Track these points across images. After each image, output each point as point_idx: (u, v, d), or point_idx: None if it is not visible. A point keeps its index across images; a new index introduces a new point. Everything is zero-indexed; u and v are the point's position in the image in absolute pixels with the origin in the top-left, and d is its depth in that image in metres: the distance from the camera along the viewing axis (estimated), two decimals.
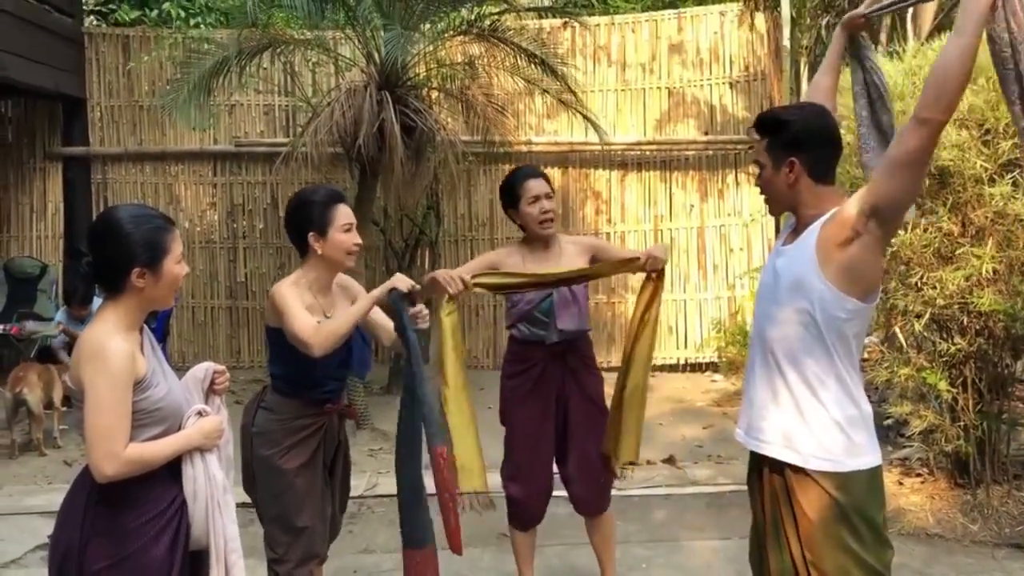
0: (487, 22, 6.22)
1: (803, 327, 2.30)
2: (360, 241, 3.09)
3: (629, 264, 3.57)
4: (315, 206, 3.04)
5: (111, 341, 2.15)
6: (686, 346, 9.07)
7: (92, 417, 2.11)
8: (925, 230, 4.23)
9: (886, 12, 2.76)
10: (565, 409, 3.63)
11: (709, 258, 9.10)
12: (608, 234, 9.10)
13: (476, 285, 3.36)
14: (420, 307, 2.98)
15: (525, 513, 3.70)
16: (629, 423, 3.52)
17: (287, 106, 9.07)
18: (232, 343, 9.25)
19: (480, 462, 3.32)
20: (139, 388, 2.19)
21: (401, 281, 2.93)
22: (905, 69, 4.53)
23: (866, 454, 2.31)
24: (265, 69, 8.26)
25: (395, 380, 8.06)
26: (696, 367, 9.03)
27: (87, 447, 2.13)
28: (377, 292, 2.92)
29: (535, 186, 3.59)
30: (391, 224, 8.55)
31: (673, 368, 9.09)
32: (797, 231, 2.42)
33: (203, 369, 2.47)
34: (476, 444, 3.31)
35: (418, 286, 3.00)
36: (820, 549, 2.28)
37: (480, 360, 9.07)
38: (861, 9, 2.70)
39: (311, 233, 3.01)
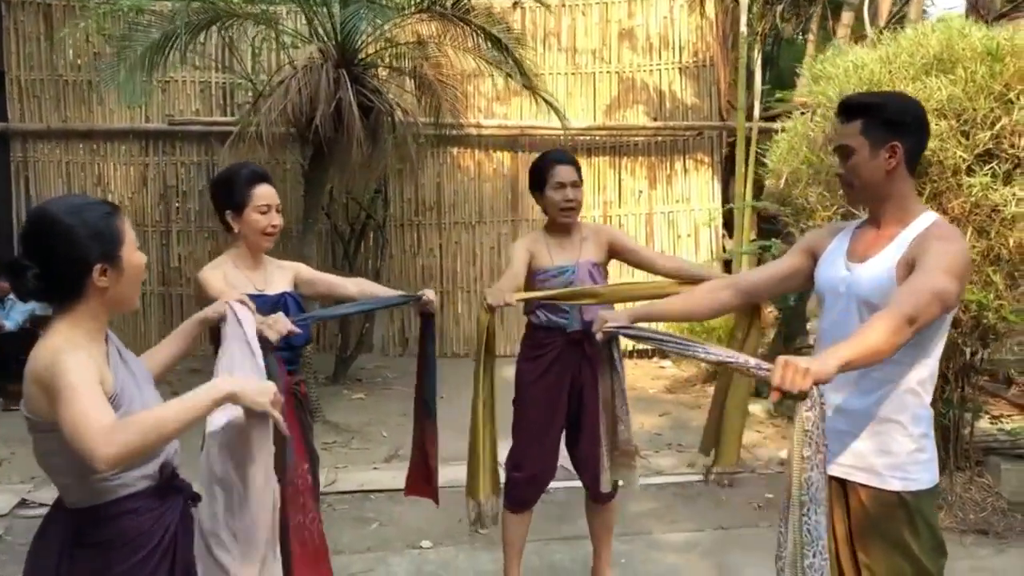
0: (449, 0, 6.00)
1: None
2: (278, 223, 3.05)
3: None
4: (235, 184, 3.03)
5: (65, 354, 1.82)
6: None
7: (67, 410, 1.75)
8: None
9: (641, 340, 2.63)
10: (580, 395, 3.57)
11: (657, 245, 9.08)
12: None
13: (520, 300, 3.37)
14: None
15: (524, 496, 3.65)
16: (733, 429, 3.20)
17: (224, 83, 8.66)
18: (165, 331, 8.78)
19: (496, 468, 3.41)
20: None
21: (269, 331, 2.68)
22: (880, 57, 4.50)
23: (934, 469, 2.24)
24: (202, 44, 7.86)
25: (341, 369, 7.82)
26: (643, 353, 9.02)
27: (78, 446, 1.72)
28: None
29: (563, 172, 3.51)
30: (336, 208, 8.26)
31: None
32: (866, 238, 2.29)
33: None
34: (495, 450, 3.39)
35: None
36: (876, 549, 2.20)
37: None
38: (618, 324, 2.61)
39: (228, 211, 3.02)
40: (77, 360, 1.81)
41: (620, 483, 3.22)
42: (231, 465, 2.05)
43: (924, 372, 2.21)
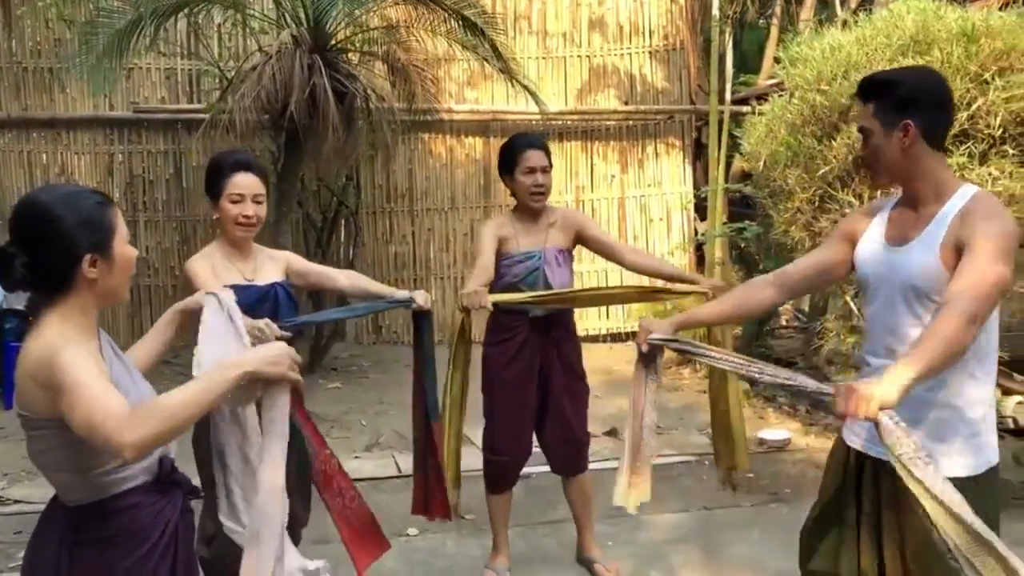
0: None
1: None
2: (251, 212, 2.99)
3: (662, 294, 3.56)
4: (215, 173, 3.01)
5: (62, 350, 1.77)
6: (608, 317, 9.08)
7: (79, 408, 1.70)
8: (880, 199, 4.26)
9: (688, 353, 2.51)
10: (547, 377, 3.67)
11: (629, 229, 9.12)
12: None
13: (495, 303, 3.36)
14: None
15: (503, 476, 3.75)
16: (740, 432, 3.47)
17: (190, 70, 8.50)
18: (134, 323, 8.68)
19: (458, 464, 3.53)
20: None
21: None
22: (857, 38, 4.53)
23: (991, 451, 2.19)
24: (166, 30, 7.71)
25: (316, 359, 7.75)
26: (617, 337, 9.06)
27: (99, 439, 1.67)
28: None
29: (533, 157, 3.55)
30: (307, 195, 8.17)
31: (595, 339, 9.09)
32: (904, 219, 2.26)
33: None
34: (459, 446, 3.52)
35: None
36: (925, 537, 2.17)
37: (400, 336, 8.85)
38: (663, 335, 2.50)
39: (210, 200, 3.01)
40: (75, 354, 1.77)
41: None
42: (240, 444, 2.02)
43: (983, 354, 2.16)
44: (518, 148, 3.57)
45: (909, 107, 2.17)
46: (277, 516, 1.88)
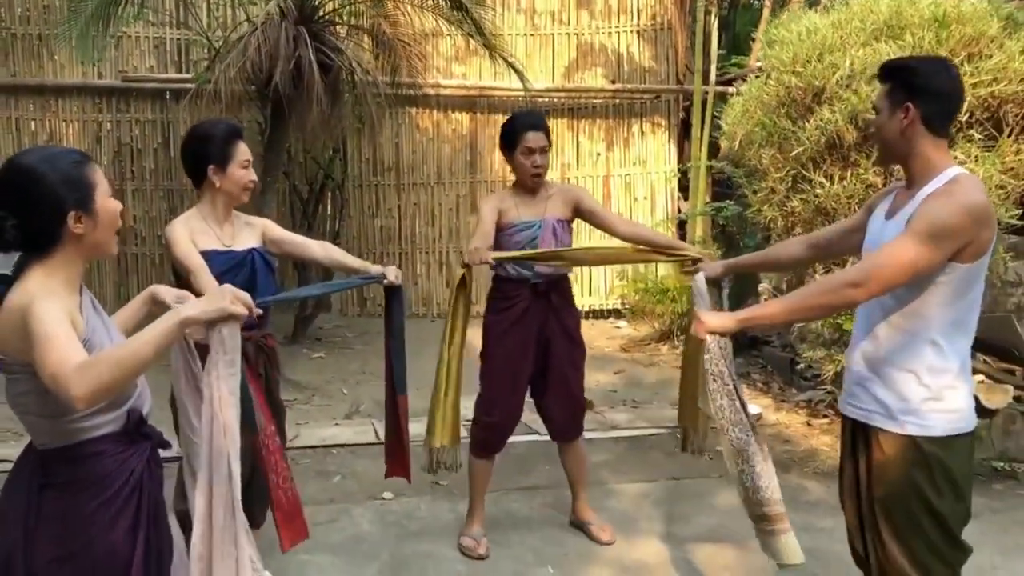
0: None
1: (901, 292, 2.28)
2: (255, 178, 3.14)
3: (656, 254, 3.73)
4: (216, 140, 3.05)
5: (40, 300, 1.86)
6: (590, 293, 9.19)
7: (44, 359, 1.79)
8: (851, 181, 4.37)
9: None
10: (547, 345, 3.78)
11: (614, 206, 9.18)
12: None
13: (496, 259, 3.53)
14: None
15: (492, 441, 3.86)
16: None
17: (179, 39, 8.52)
18: (121, 291, 8.74)
19: (457, 418, 3.61)
20: None
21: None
22: (833, 22, 4.62)
23: (960, 419, 2.31)
24: None
25: (301, 328, 7.85)
26: (599, 314, 9.17)
27: (57, 390, 1.77)
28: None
29: (533, 139, 3.66)
30: (293, 167, 8.22)
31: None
32: (901, 196, 2.39)
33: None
34: (457, 400, 3.60)
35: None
36: (890, 491, 2.33)
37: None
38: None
39: (211, 167, 3.03)
40: (50, 306, 1.86)
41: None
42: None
43: (947, 324, 2.28)
44: (519, 128, 3.66)
45: (915, 92, 2.32)
46: (231, 454, 1.97)
